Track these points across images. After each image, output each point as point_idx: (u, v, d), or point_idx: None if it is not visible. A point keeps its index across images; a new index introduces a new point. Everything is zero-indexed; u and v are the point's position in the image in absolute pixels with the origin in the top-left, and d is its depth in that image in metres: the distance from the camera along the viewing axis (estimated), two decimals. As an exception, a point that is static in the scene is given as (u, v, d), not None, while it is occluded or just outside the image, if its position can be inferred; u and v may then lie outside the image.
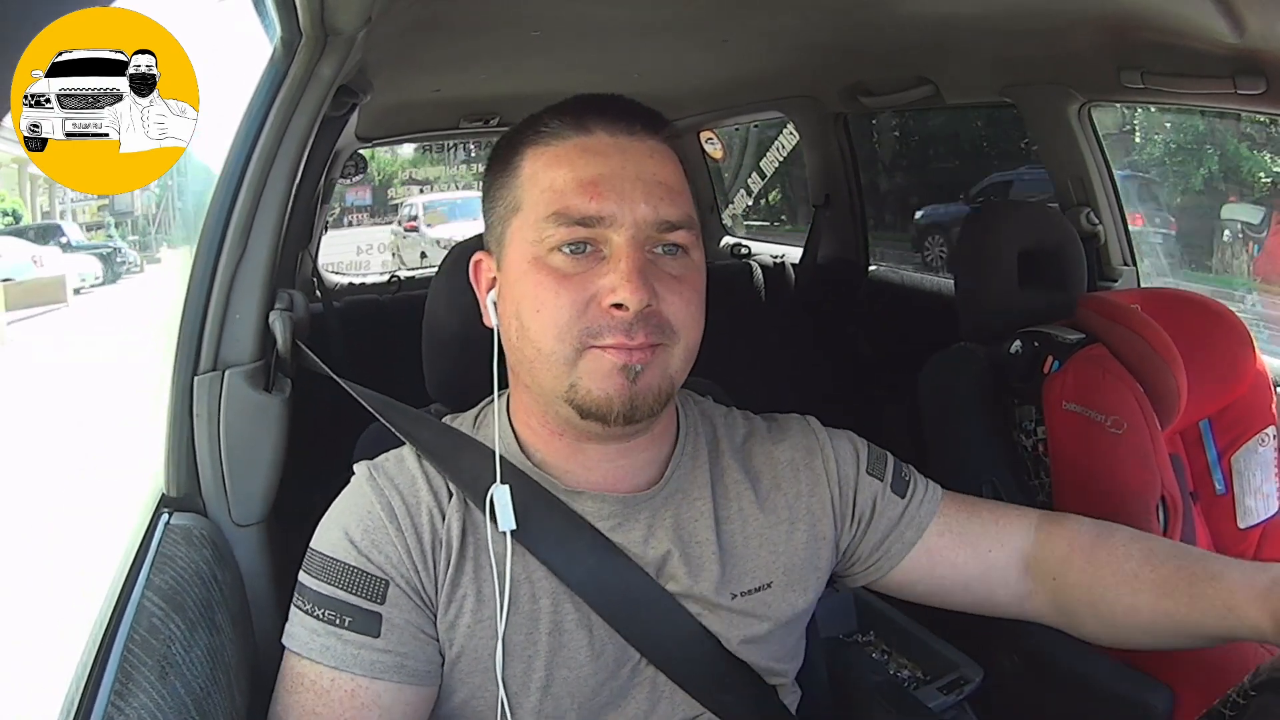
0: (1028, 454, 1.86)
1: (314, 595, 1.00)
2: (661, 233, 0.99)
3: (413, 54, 2.40)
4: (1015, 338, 1.89)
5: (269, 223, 1.32)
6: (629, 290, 0.95)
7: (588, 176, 0.98)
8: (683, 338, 1.00)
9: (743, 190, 4.67)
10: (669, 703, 1.08)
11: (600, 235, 0.97)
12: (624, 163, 0.99)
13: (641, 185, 0.98)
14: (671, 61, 2.96)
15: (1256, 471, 1.85)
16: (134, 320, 3.29)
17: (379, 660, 0.98)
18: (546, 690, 1.03)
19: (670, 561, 1.07)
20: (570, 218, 0.97)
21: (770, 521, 1.14)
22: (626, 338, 0.96)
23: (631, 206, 0.97)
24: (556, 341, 0.97)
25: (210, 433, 1.27)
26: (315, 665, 0.98)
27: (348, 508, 1.05)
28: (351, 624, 0.99)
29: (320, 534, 1.04)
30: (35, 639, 1.87)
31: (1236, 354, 1.86)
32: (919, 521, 1.19)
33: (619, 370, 0.96)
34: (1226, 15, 1.59)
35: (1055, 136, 2.48)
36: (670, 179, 1.01)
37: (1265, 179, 2.97)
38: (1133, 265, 2.54)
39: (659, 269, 0.99)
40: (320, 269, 3.98)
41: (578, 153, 1.00)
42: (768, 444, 1.18)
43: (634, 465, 1.09)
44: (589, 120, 1.01)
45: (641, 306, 0.95)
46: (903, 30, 2.29)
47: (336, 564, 1.01)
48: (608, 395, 0.97)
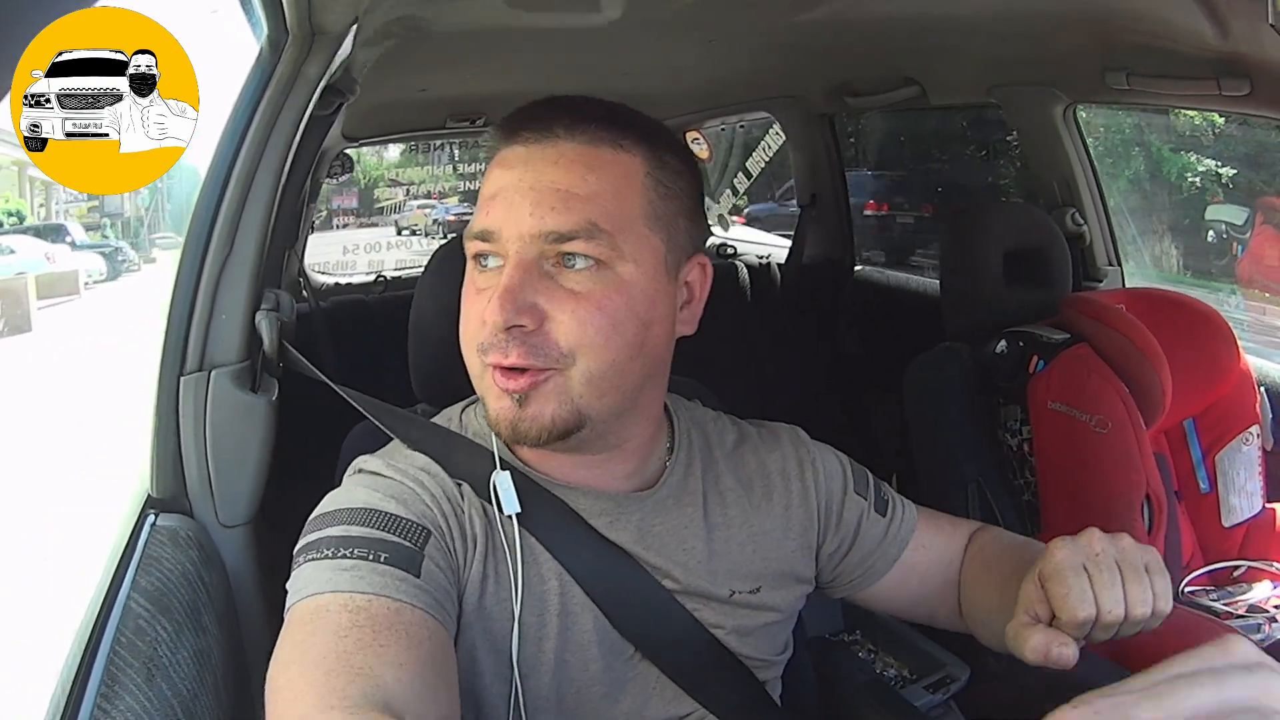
0: (1013, 453, 1.87)
1: (336, 540, 0.91)
2: (552, 244, 0.93)
3: (399, 53, 2.39)
4: (1000, 337, 1.90)
5: (255, 222, 1.31)
6: (494, 308, 0.91)
7: (490, 190, 0.96)
8: (580, 360, 0.94)
9: (728, 190, 4.66)
10: (660, 699, 1.08)
11: (500, 249, 0.94)
12: (523, 173, 0.94)
13: (532, 195, 0.93)
14: (657, 61, 2.96)
15: (1240, 470, 1.86)
16: (139, 314, 3.43)
17: (419, 595, 0.89)
18: (555, 673, 1.02)
19: (663, 567, 1.07)
20: (472, 232, 0.96)
21: (763, 528, 1.14)
22: (501, 355, 0.93)
23: (516, 220, 0.93)
24: (471, 354, 0.97)
25: (196, 433, 1.27)
26: (344, 595, 0.86)
27: (370, 484, 0.99)
28: (389, 559, 0.89)
29: (338, 497, 0.98)
30: (20, 641, 1.86)
31: (1220, 353, 1.87)
32: (900, 539, 1.20)
33: (504, 393, 0.94)
34: (1210, 17, 1.60)
35: (1041, 137, 2.49)
36: (574, 185, 0.94)
37: (1192, 179, 3.02)
38: (1118, 265, 2.55)
39: (555, 284, 0.94)
40: (306, 269, 3.97)
41: (496, 165, 0.98)
42: (760, 451, 1.18)
43: (618, 473, 1.07)
44: (519, 128, 0.97)
45: (501, 326, 0.92)
46: (889, 31, 2.29)
47: (372, 512, 0.94)
48: (497, 416, 0.96)
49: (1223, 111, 2.29)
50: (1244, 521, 1.86)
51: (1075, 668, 0.86)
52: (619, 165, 0.97)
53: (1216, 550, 1.86)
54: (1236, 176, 3.00)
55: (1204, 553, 1.87)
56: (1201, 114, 2.72)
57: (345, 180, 5.30)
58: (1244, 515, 1.86)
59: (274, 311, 1.34)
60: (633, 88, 3.30)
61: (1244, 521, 1.86)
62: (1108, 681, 0.59)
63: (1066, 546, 0.92)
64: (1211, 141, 2.98)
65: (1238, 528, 1.86)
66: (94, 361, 3.65)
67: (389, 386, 1.31)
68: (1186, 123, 2.93)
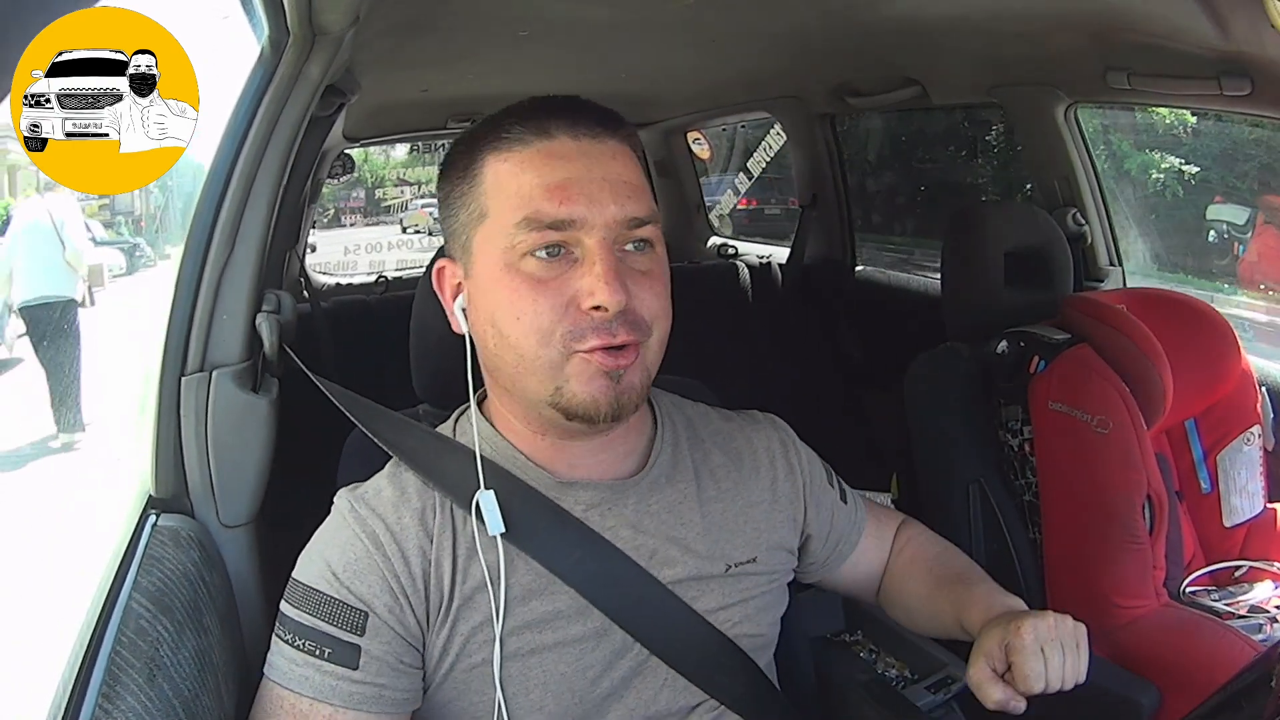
0: (1014, 453, 1.87)
1: (294, 625, 1.01)
2: (630, 230, 1.00)
3: (400, 53, 2.40)
4: (1001, 337, 1.90)
5: (256, 223, 1.31)
6: (608, 293, 0.96)
7: (555, 180, 0.99)
8: (655, 331, 1.02)
9: (730, 190, 4.66)
10: (671, 690, 1.10)
11: (572, 238, 0.98)
12: (589, 165, 1.00)
13: (608, 186, 0.99)
14: (659, 61, 2.96)
15: (1242, 470, 1.86)
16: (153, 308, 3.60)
17: (356, 692, 0.99)
18: (546, 686, 1.04)
19: (661, 547, 1.09)
20: (541, 222, 0.98)
21: (753, 500, 1.18)
22: (609, 337, 0.97)
23: (600, 208, 0.98)
24: (540, 347, 0.98)
25: (198, 433, 1.27)
26: (294, 695, 0.99)
27: (329, 539, 1.05)
28: (330, 655, 0.99)
29: (302, 564, 1.05)
30: (21, 642, 1.86)
31: (1222, 353, 1.86)
32: (859, 526, 1.33)
33: (604, 375, 0.98)
34: (1212, 17, 1.60)
35: (1042, 137, 2.49)
36: (633, 177, 1.03)
37: (1156, 176, 3.04)
38: (1119, 265, 2.55)
39: (629, 266, 1.00)
40: (308, 269, 3.97)
41: (542, 158, 1.01)
42: (747, 430, 1.23)
43: (616, 455, 1.11)
44: (550, 124, 1.02)
45: (620, 307, 0.97)
46: (890, 31, 2.29)
47: (316, 594, 1.01)
48: (594, 398, 0.99)
49: (1224, 111, 2.28)
50: (1245, 521, 1.86)
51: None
52: (638, 158, 1.07)
53: (1218, 550, 1.86)
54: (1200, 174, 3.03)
55: (1205, 553, 1.87)
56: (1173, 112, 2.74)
57: (352, 180, 5.35)
58: (1245, 515, 1.86)
59: (275, 314, 1.34)
60: (634, 88, 3.31)
61: (1245, 521, 1.86)
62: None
63: (1031, 630, 1.03)
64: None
65: (1239, 528, 1.85)
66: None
67: (390, 387, 1.31)
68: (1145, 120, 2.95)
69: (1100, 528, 1.70)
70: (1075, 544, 1.74)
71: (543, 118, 1.02)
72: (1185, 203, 3.01)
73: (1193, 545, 1.86)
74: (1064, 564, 1.76)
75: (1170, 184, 3.01)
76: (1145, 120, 2.92)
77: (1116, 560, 1.68)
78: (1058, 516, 1.77)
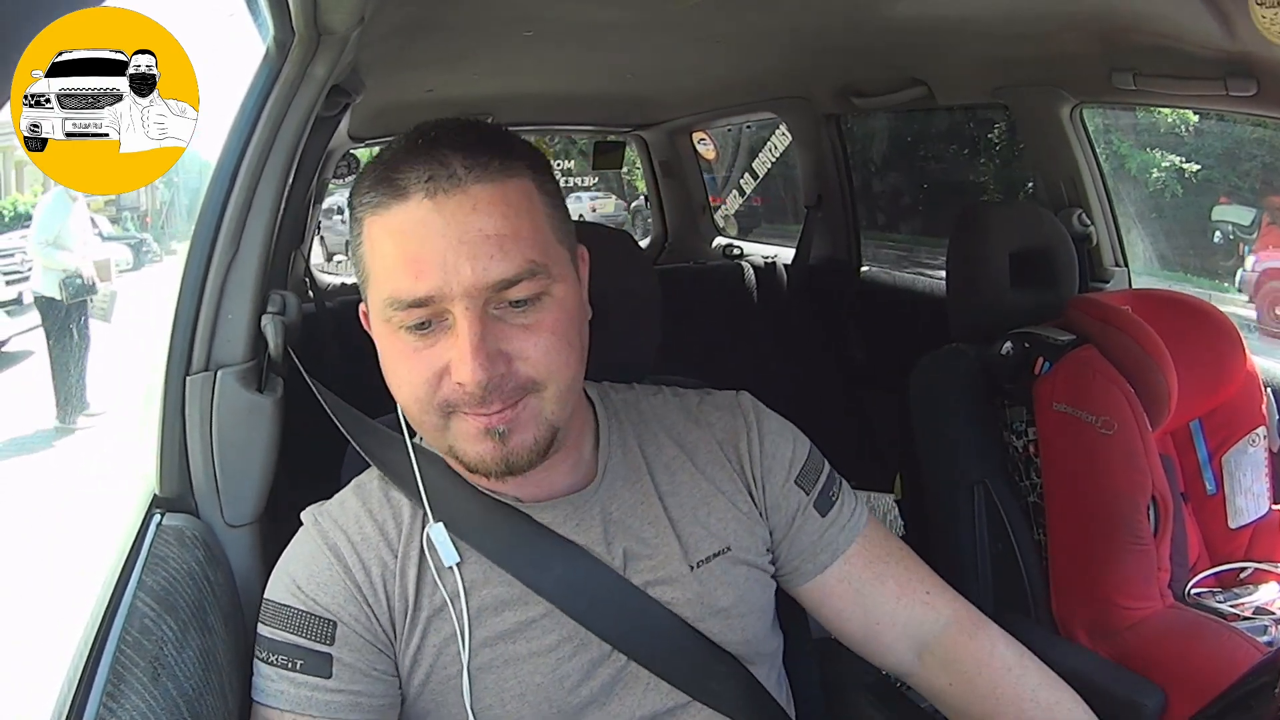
0: (1018, 455, 1.87)
1: (268, 642, 1.03)
2: (500, 292, 0.93)
3: (406, 53, 2.40)
4: (1006, 339, 1.90)
5: (261, 223, 1.31)
6: (467, 372, 0.91)
7: (409, 254, 0.93)
8: (551, 384, 0.97)
9: (735, 191, 4.67)
10: (656, 693, 1.09)
11: (438, 310, 0.93)
12: (444, 228, 0.92)
13: (466, 249, 0.91)
14: (664, 61, 2.96)
15: (1247, 471, 1.85)
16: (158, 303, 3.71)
17: (333, 700, 1.01)
18: (523, 697, 1.05)
19: (633, 550, 1.09)
20: (403, 302, 0.93)
21: (712, 490, 1.15)
22: (482, 408, 0.94)
23: (458, 278, 0.91)
24: (422, 412, 0.98)
25: (203, 433, 1.27)
26: (275, 711, 1.01)
27: (294, 555, 1.08)
28: (303, 666, 1.01)
29: (271, 584, 1.07)
30: (26, 640, 1.86)
31: (1226, 354, 1.86)
32: (833, 548, 1.18)
33: (484, 433, 0.96)
34: (1218, 18, 1.60)
35: (1047, 138, 2.49)
36: (500, 227, 0.93)
37: (1156, 175, 3.04)
38: (1124, 266, 2.55)
39: (507, 325, 0.95)
40: (312, 269, 3.97)
41: (398, 224, 0.93)
42: (699, 420, 1.19)
43: (562, 472, 1.10)
44: (404, 178, 0.93)
45: (483, 384, 0.92)
46: (895, 31, 2.29)
47: (285, 609, 1.03)
48: (481, 457, 0.98)
49: (1229, 112, 2.28)
50: (1250, 523, 1.85)
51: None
52: (523, 193, 0.96)
53: (1223, 552, 1.85)
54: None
55: (1210, 554, 1.86)
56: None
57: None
58: (1250, 517, 1.85)
59: (280, 315, 1.34)
60: (639, 88, 3.31)
61: (1250, 523, 1.85)
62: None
63: None
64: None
65: (1244, 529, 1.85)
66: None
67: None
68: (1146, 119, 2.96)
69: (1104, 529, 1.69)
70: (1080, 545, 1.74)
71: (401, 169, 0.94)
72: (1186, 203, 3.01)
73: (1198, 547, 1.86)
74: (1068, 565, 1.76)
75: (1170, 183, 3.01)
76: (1147, 119, 2.92)
77: (1121, 561, 1.68)
78: (1062, 518, 1.77)
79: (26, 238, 4.11)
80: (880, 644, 1.19)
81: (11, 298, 4.08)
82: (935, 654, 1.17)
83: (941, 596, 1.19)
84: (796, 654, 1.31)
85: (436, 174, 0.93)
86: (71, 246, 4.07)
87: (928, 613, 1.18)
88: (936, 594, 1.19)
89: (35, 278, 4.06)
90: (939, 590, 1.19)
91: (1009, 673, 1.14)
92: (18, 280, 4.10)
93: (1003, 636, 1.17)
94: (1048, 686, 1.13)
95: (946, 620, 1.18)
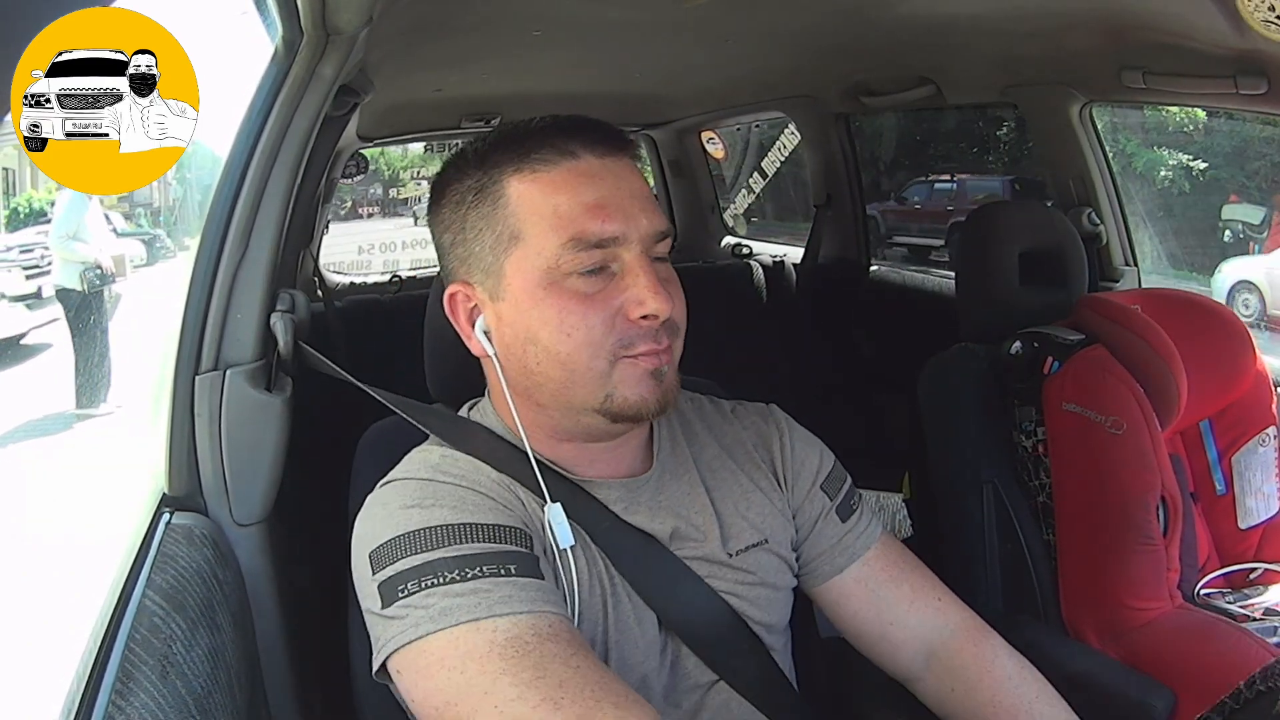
0: (1028, 454, 1.86)
1: (446, 563, 0.92)
2: (657, 243, 1.04)
3: (414, 53, 2.40)
4: (1015, 338, 1.89)
5: (270, 222, 1.32)
6: (658, 302, 1.00)
7: (592, 200, 1.01)
8: (681, 333, 1.07)
9: (744, 190, 4.66)
10: (692, 663, 1.11)
11: (612, 254, 1.02)
12: (617, 182, 1.03)
13: (637, 202, 1.03)
14: (672, 61, 2.96)
15: (1257, 472, 1.84)
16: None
17: (555, 599, 0.96)
18: (608, 654, 1.06)
19: (678, 533, 1.11)
20: (588, 242, 1.00)
21: (751, 486, 1.19)
22: (656, 343, 1.02)
23: (636, 224, 1.01)
24: (591, 359, 1.01)
25: (211, 432, 1.27)
26: (494, 621, 0.89)
27: (424, 496, 0.99)
28: (518, 569, 0.93)
29: (414, 519, 0.96)
30: (36, 638, 1.87)
31: (1237, 354, 1.85)
32: (851, 551, 1.22)
33: (650, 375, 1.03)
34: (1228, 15, 1.59)
35: (1057, 137, 2.48)
36: (648, 191, 1.07)
37: (1164, 174, 3.03)
38: (1134, 266, 2.54)
39: (660, 276, 1.03)
40: (321, 268, 3.98)
41: (574, 177, 1.03)
42: (736, 424, 1.24)
43: (627, 454, 1.14)
44: (571, 144, 1.04)
45: (669, 314, 1.01)
46: (904, 30, 2.29)
47: (465, 526, 0.95)
48: (643, 398, 1.03)
49: (1240, 110, 2.27)
50: (1260, 523, 1.84)
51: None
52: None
53: (1232, 552, 1.85)
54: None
55: (1220, 555, 1.86)
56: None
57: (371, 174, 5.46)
58: (1260, 517, 1.84)
59: (289, 313, 1.35)
60: (648, 88, 3.31)
61: (1260, 523, 1.84)
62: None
63: None
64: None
65: (1254, 529, 1.84)
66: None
67: (404, 387, 1.32)
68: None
69: (1114, 529, 1.69)
70: (1089, 545, 1.73)
71: (563, 137, 1.04)
72: (1194, 201, 3.00)
73: (1207, 547, 1.85)
74: (1078, 565, 1.75)
75: (1178, 180, 3.01)
76: (1155, 118, 2.91)
77: (1130, 562, 1.67)
78: (1071, 518, 1.76)
79: (46, 233, 4.14)
80: (891, 645, 1.21)
81: (31, 291, 4.11)
82: (942, 659, 1.20)
83: (952, 604, 1.23)
84: (806, 652, 1.31)
85: (599, 142, 1.05)
86: (90, 239, 4.10)
87: (938, 618, 1.21)
88: (947, 601, 1.23)
89: (55, 271, 4.09)
90: (949, 598, 1.23)
91: (1009, 681, 1.17)
92: (37, 275, 4.13)
93: (1005, 647, 1.20)
94: (1045, 700, 1.16)
95: (955, 627, 1.21)
